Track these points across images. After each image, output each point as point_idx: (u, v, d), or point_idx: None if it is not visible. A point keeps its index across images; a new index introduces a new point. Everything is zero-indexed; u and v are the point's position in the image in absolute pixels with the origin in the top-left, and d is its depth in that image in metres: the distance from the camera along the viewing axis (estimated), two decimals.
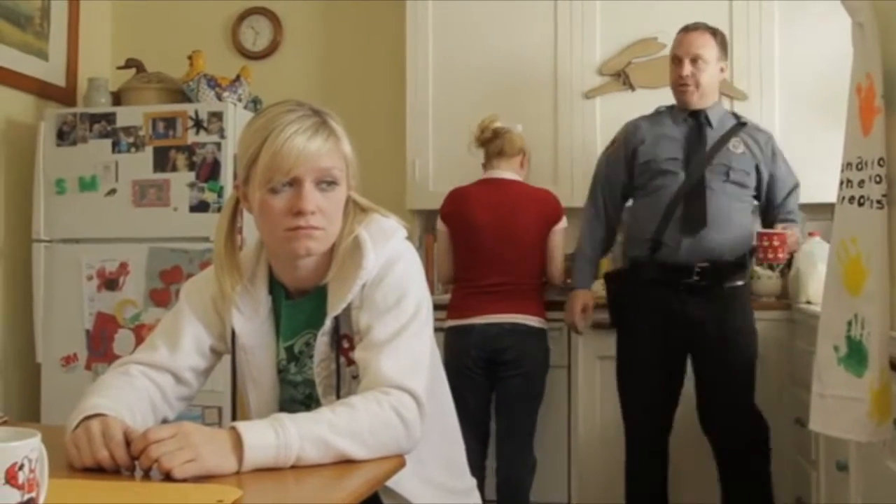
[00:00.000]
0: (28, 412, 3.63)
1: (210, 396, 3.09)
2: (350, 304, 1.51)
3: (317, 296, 1.56)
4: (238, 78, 3.70)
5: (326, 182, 1.48)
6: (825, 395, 1.95)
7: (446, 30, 3.88)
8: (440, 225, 3.40)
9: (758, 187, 3.15)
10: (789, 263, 3.57)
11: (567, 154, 3.78)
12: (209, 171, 3.42)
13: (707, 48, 3.07)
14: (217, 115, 3.44)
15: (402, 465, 1.39)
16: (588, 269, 3.30)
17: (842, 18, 2.07)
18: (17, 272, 3.72)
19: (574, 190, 3.76)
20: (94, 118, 3.56)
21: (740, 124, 3.14)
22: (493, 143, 3.34)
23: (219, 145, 3.43)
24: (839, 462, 2.42)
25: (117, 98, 3.82)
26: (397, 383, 1.41)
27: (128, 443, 1.28)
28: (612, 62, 3.76)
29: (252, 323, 1.56)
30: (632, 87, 3.74)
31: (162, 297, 3.45)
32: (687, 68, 3.07)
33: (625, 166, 3.20)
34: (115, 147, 3.53)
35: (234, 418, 1.53)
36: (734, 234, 3.04)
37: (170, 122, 3.48)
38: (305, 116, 1.48)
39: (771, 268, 3.42)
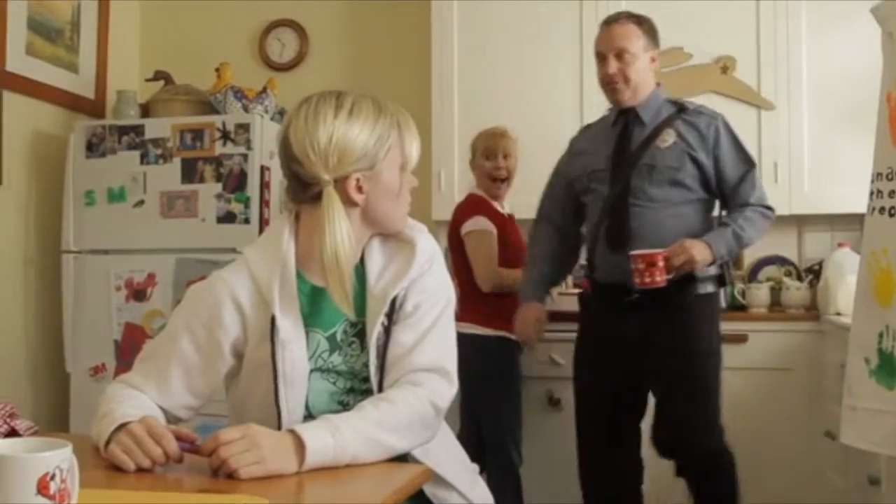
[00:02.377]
0: (57, 422, 3.66)
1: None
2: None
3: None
4: (265, 90, 3.73)
5: None
6: (856, 407, 1.94)
7: (471, 40, 3.89)
8: None
9: (705, 180, 2.78)
10: (818, 274, 3.55)
11: None
12: (236, 183, 3.44)
13: (632, 39, 2.81)
14: (244, 127, 3.46)
15: (427, 477, 1.45)
16: (528, 283, 3.06)
17: (871, 27, 2.05)
18: (46, 282, 3.76)
19: None
20: (123, 130, 3.60)
21: (679, 111, 2.82)
22: None
23: (245, 157, 3.45)
24: (871, 476, 2.40)
25: (146, 110, 3.86)
26: (439, 366, 1.55)
27: (178, 438, 1.36)
28: None
29: (289, 316, 1.55)
30: None
31: None
32: (612, 65, 2.81)
33: (564, 180, 3.01)
34: (144, 158, 3.56)
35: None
36: (669, 243, 2.65)
37: (197, 133, 3.51)
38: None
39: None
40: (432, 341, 1.56)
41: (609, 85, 2.83)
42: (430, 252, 1.63)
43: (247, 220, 3.42)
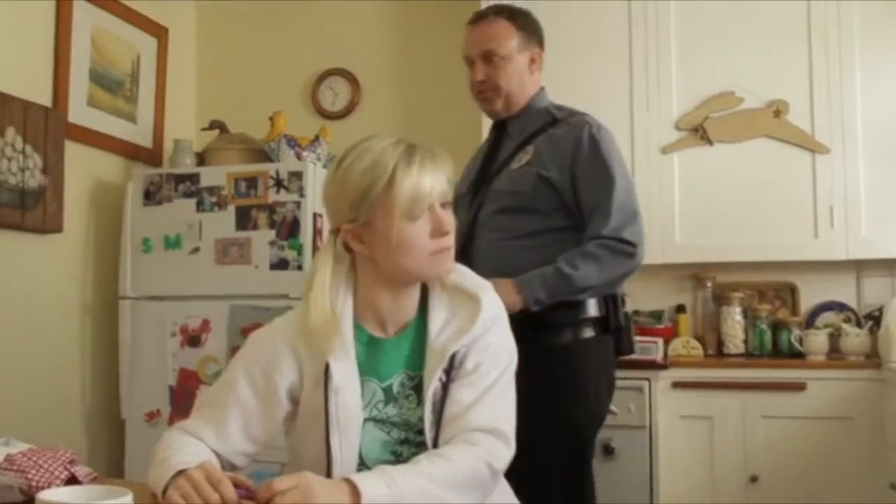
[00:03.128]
0: (112, 468, 3.70)
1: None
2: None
3: (409, 334, 1.58)
4: (317, 138, 3.78)
5: (448, 203, 1.56)
6: None
7: None
8: None
9: (566, 205, 2.30)
10: (878, 320, 3.47)
11: (644, 210, 3.71)
12: (289, 230, 3.48)
13: (501, 39, 2.36)
14: (297, 175, 3.51)
15: None
16: None
17: None
18: (104, 328, 3.82)
19: (651, 247, 3.68)
20: (180, 178, 3.66)
21: (551, 122, 2.39)
22: None
23: (298, 204, 3.48)
24: None
25: (201, 158, 3.93)
26: (496, 427, 1.50)
27: (235, 485, 1.36)
28: (689, 117, 3.73)
29: (343, 363, 1.56)
30: (710, 142, 3.70)
31: None
32: (480, 71, 2.38)
33: None
34: (199, 206, 3.61)
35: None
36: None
37: (251, 181, 3.56)
38: (413, 146, 1.54)
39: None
40: (491, 402, 1.53)
41: (478, 94, 2.43)
42: (494, 310, 1.60)
43: (299, 267, 3.45)
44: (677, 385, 3.38)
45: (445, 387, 1.53)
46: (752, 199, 3.60)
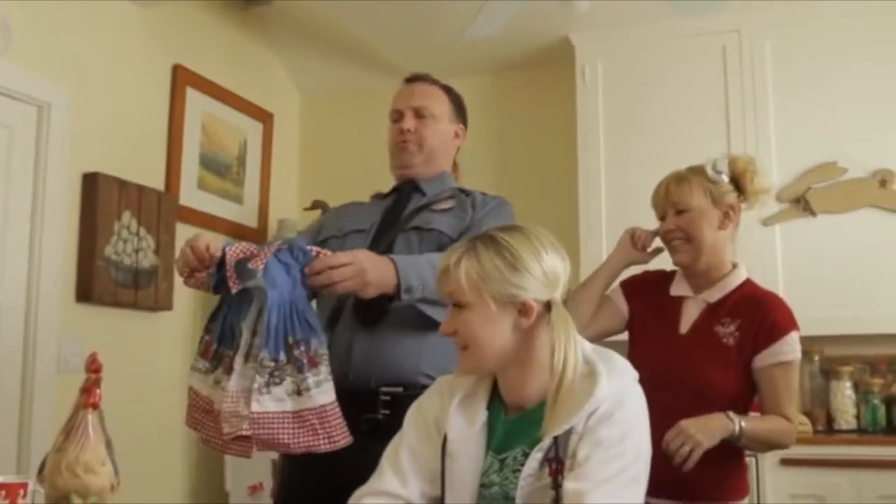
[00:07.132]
0: None
1: None
2: (571, 430, 1.47)
3: (535, 412, 1.54)
4: None
5: (459, 304, 1.55)
6: None
7: (617, 164, 3.92)
8: None
9: None
10: None
11: None
12: None
13: (435, 100, 2.37)
14: None
15: None
16: None
17: None
18: None
19: None
20: None
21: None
22: None
23: None
24: None
25: None
26: None
27: None
28: (790, 188, 3.67)
29: (464, 433, 1.57)
30: (813, 213, 3.62)
31: None
32: (409, 121, 2.32)
33: None
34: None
35: None
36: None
37: None
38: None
39: None
40: (601, 499, 1.40)
41: (400, 144, 2.34)
42: (606, 398, 1.47)
43: None
44: (786, 462, 3.26)
45: (550, 468, 1.48)
46: (860, 271, 3.50)
